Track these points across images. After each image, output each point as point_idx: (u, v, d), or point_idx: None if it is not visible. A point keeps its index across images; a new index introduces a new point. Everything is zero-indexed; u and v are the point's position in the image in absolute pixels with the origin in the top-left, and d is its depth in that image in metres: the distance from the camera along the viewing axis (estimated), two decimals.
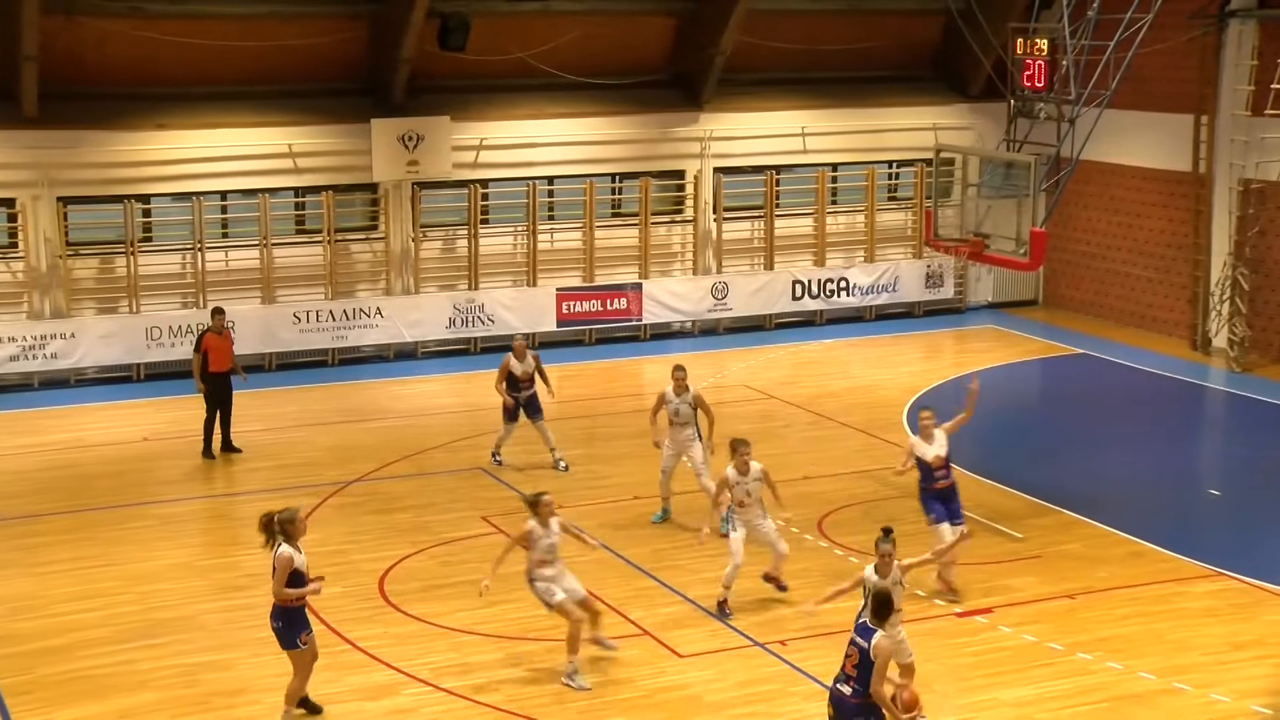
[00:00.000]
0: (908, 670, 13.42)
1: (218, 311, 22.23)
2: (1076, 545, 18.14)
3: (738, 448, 16.20)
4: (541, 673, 14.60)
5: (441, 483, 20.59)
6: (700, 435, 18.84)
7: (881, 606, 12.05)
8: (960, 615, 16.05)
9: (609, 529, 18.59)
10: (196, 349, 21.75)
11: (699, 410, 18.84)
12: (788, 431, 22.97)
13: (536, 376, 21.07)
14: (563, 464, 21.01)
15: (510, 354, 20.99)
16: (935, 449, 16.61)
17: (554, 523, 14.58)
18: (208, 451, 21.66)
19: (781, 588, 16.35)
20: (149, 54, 26.10)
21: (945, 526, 16.25)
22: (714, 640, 15.48)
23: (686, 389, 18.87)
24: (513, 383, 20.92)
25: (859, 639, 11.89)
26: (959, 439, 17.20)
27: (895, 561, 13.39)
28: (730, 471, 16.13)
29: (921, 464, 16.63)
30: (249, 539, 18.36)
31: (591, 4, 28.48)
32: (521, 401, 21.00)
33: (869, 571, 13.41)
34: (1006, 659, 15.00)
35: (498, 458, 21.28)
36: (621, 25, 29.02)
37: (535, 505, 14.60)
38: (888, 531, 13.55)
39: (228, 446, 21.83)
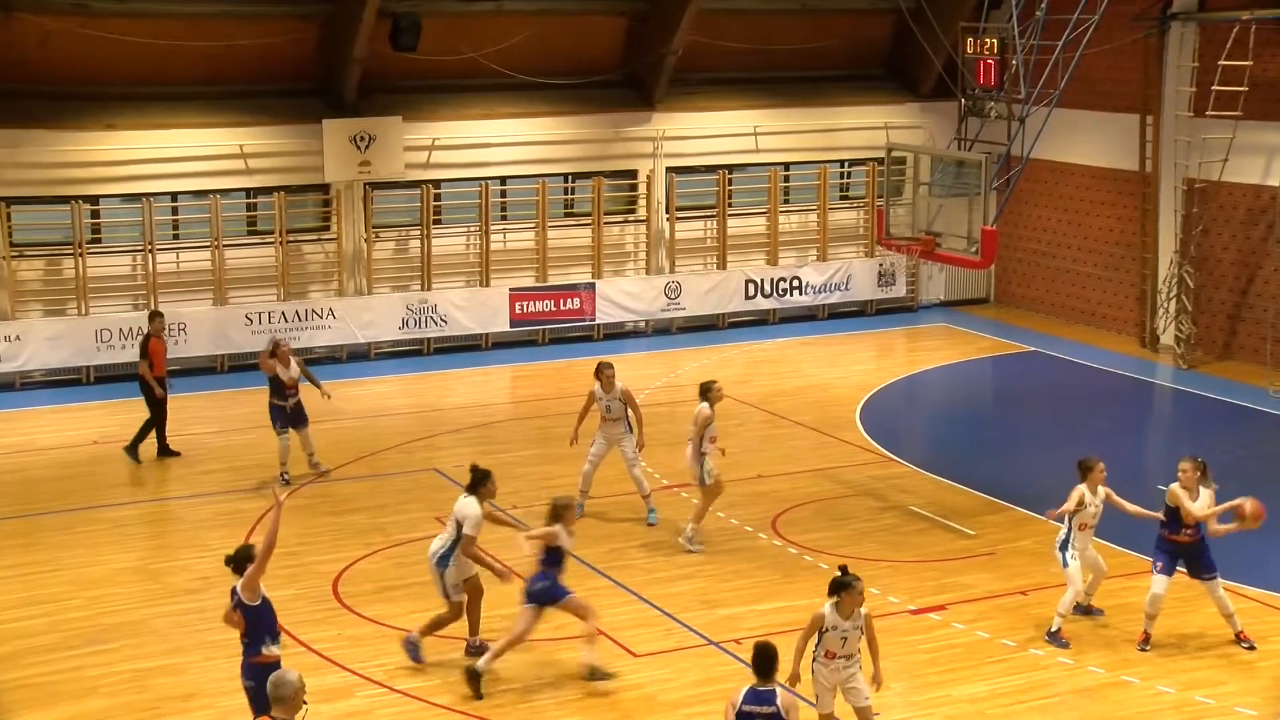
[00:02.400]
0: (864, 715, 12.49)
1: (157, 315, 22.17)
2: (1028, 542, 18.26)
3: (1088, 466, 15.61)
4: (498, 673, 14.57)
5: (395, 484, 20.54)
6: (631, 429, 18.92)
7: (764, 661, 10.89)
8: (913, 613, 16.14)
9: None
10: (142, 355, 21.63)
11: (628, 406, 18.83)
12: (741, 430, 23.02)
13: (303, 381, 20.51)
14: (321, 467, 20.88)
15: (273, 358, 20.32)
16: (1195, 504, 15.23)
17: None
18: (134, 453, 21.52)
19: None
20: (95, 53, 25.90)
21: (1162, 579, 15.34)
22: (669, 640, 15.51)
23: (614, 386, 18.83)
24: (278, 388, 20.34)
25: (757, 709, 10.62)
26: (909, 436, 17.28)
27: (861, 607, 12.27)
28: (1083, 491, 15.49)
29: (1170, 511, 15.37)
30: (201, 542, 18.37)
31: (543, 4, 28.46)
32: (289, 409, 20.37)
33: (827, 610, 12.29)
34: (959, 656, 15.10)
35: (285, 476, 20.44)
36: (573, 25, 29.02)
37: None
38: (844, 571, 12.45)
39: (165, 451, 21.73)
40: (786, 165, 31.09)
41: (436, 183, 28.39)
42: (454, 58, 27.96)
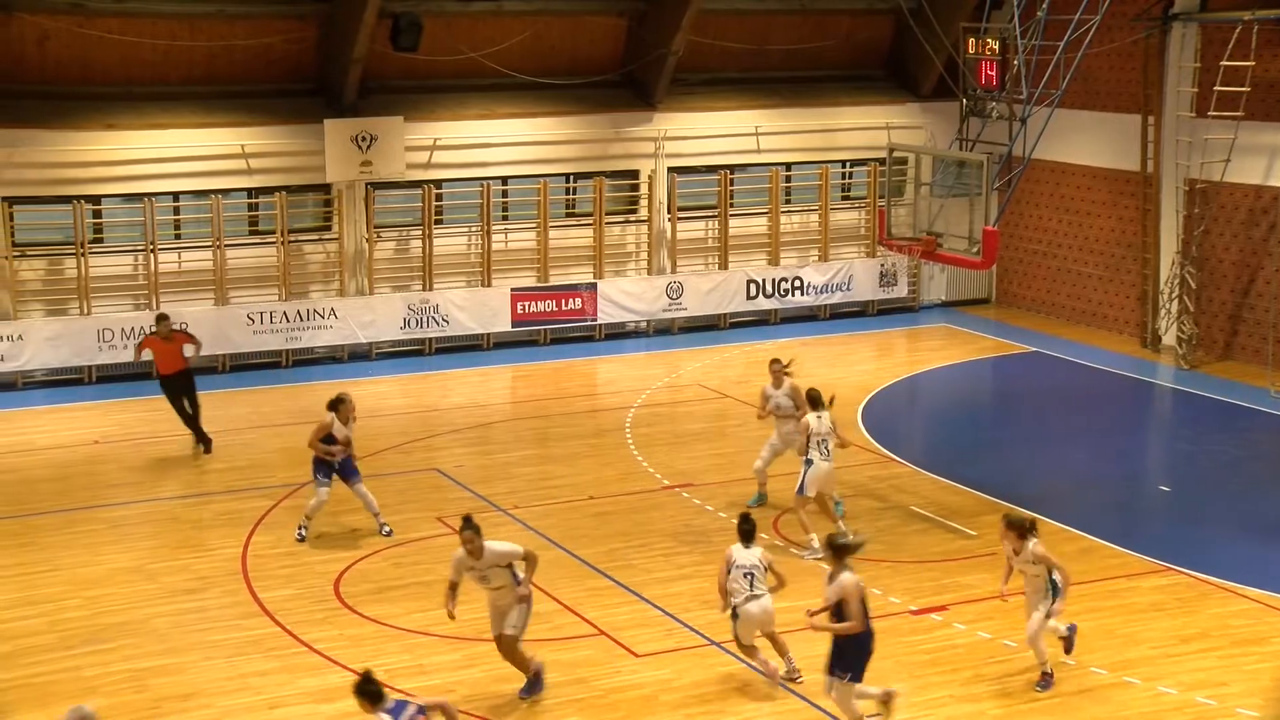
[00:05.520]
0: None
1: (161, 318, 22.33)
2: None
3: None
4: (496, 674, 14.56)
5: (395, 484, 20.50)
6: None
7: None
8: (914, 613, 16.12)
9: (562, 529, 18.60)
10: (136, 355, 22.17)
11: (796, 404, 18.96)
12: (741, 431, 23.00)
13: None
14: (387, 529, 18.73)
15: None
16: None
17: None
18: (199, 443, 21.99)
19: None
20: (95, 53, 25.91)
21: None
22: (670, 640, 15.49)
23: (784, 381, 19.01)
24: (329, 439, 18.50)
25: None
26: (910, 436, 17.25)
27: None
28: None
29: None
30: (199, 542, 18.37)
31: (542, 4, 28.45)
32: (336, 463, 18.48)
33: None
34: (960, 656, 15.08)
35: (302, 531, 18.53)
36: (573, 25, 29.01)
37: None
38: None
39: (200, 438, 22.00)
40: (788, 165, 31.07)
41: (438, 183, 28.38)
42: (455, 58, 27.96)
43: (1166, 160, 27.78)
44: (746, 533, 14.34)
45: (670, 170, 30.02)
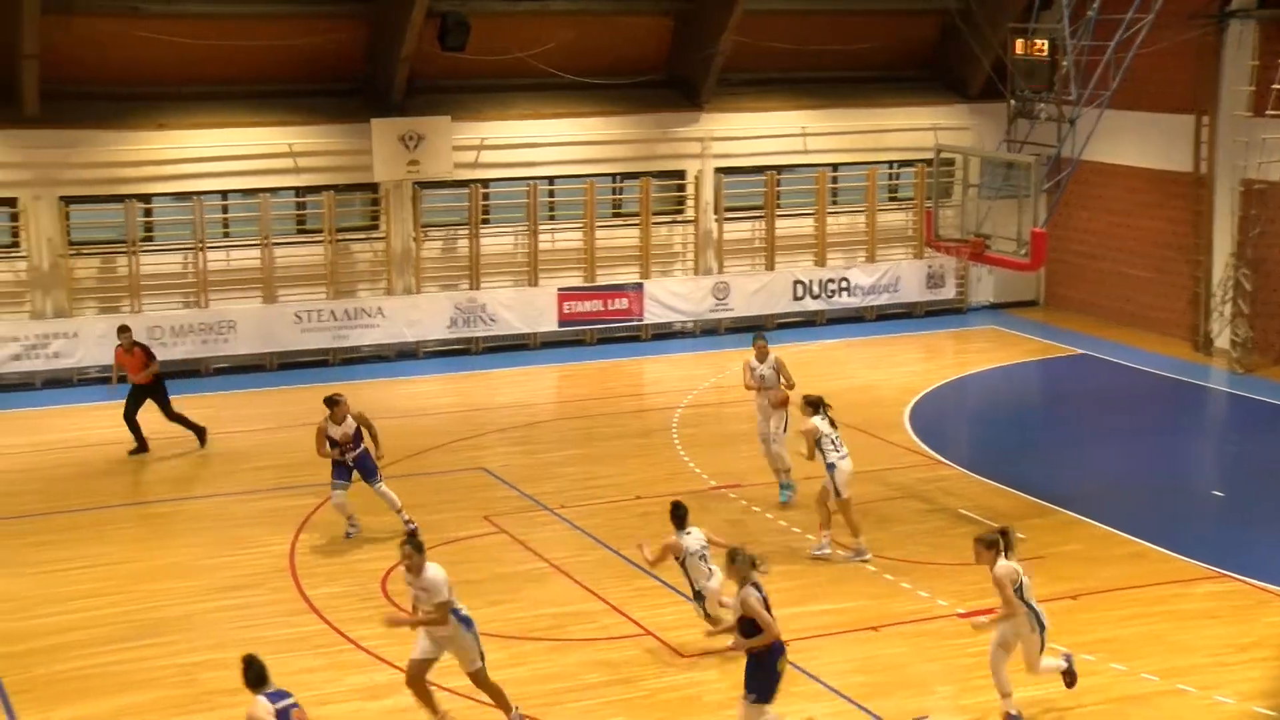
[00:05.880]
0: None
1: (121, 329, 22.32)
2: (1077, 546, 18.13)
3: None
4: (543, 672, 14.57)
5: (441, 483, 20.57)
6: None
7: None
8: (962, 616, 16.02)
9: (609, 529, 18.60)
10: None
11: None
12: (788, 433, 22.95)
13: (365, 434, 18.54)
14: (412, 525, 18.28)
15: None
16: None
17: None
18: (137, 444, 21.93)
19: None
20: (148, 53, 26.10)
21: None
22: (715, 641, 15.44)
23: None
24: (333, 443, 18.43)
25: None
26: (958, 438, 17.17)
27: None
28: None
29: None
30: (249, 538, 18.47)
31: (588, 4, 28.48)
32: (350, 464, 18.40)
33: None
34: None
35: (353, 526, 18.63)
36: (619, 25, 29.02)
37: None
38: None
39: (138, 439, 21.98)
40: (834, 166, 30.99)
41: (485, 182, 28.45)
42: (502, 57, 28.01)
43: (1222, 160, 27.53)
44: (681, 518, 15.04)
45: (717, 170, 29.99)
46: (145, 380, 21.91)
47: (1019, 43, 21.19)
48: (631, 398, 25.47)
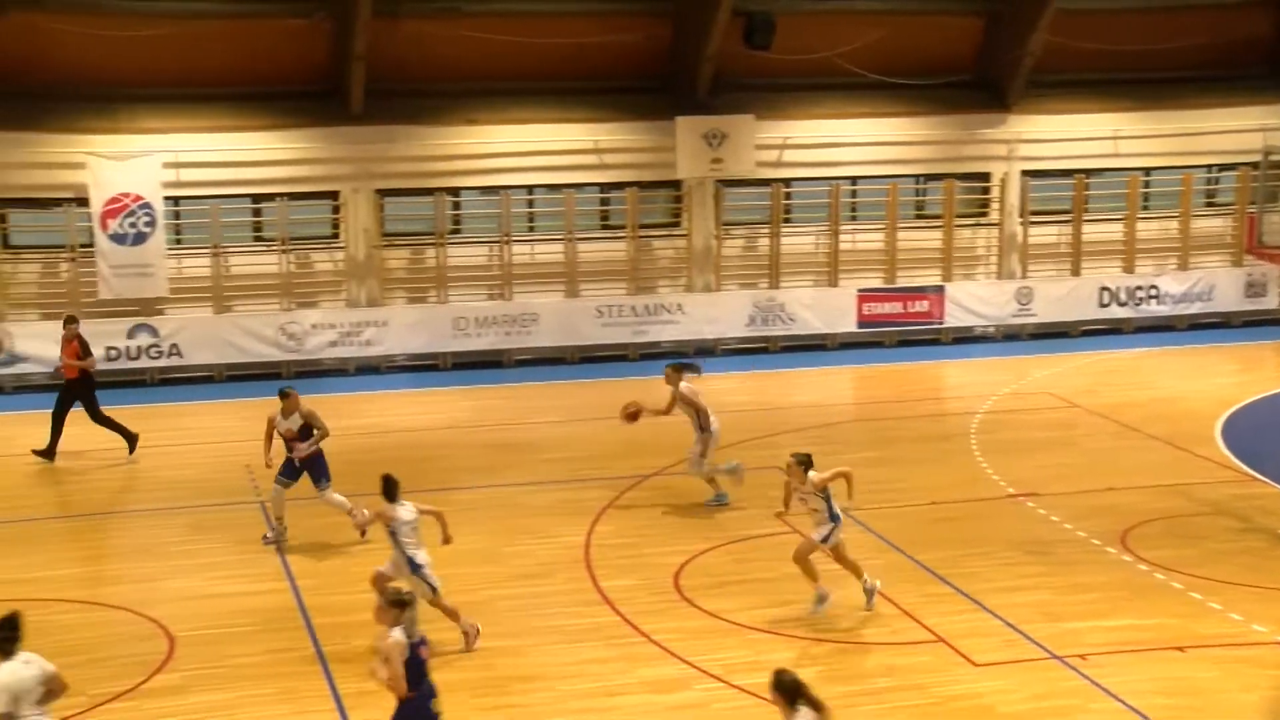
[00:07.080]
0: None
1: (67, 320, 21.67)
2: None
3: None
4: (836, 673, 14.43)
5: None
6: (701, 430, 19.10)
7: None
8: None
9: (902, 533, 18.32)
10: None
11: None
12: (1089, 441, 22.29)
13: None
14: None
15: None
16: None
17: None
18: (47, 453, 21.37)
19: None
20: (462, 52, 26.90)
21: None
22: (1009, 651, 15.06)
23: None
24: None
25: None
26: (1276, 455, 16.31)
27: None
28: None
29: None
30: (542, 529, 18.79)
31: (897, 3, 28.18)
32: (297, 462, 17.94)
33: None
34: None
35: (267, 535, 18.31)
36: (928, 25, 28.62)
37: None
38: None
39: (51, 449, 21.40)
40: (1147, 170, 29.97)
41: (787, 181, 28.42)
42: (807, 57, 27.92)
43: None
44: (393, 486, 15.18)
45: (1023, 173, 29.32)
46: (71, 374, 21.43)
47: None
48: (929, 401, 25.08)
